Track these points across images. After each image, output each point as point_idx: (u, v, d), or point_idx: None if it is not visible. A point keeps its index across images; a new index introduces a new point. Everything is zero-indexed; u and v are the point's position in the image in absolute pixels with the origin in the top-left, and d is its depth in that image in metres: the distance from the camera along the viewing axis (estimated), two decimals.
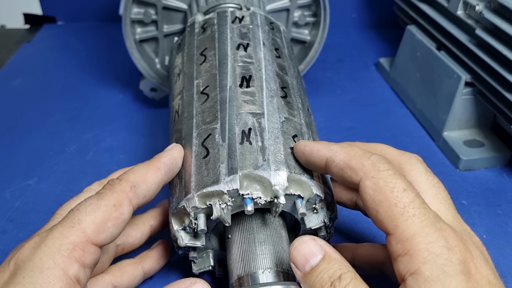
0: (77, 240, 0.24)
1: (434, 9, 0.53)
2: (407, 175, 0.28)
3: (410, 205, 0.23)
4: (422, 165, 0.29)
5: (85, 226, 0.25)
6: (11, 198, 0.43)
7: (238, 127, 0.31)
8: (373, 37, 0.76)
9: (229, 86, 0.34)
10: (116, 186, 0.27)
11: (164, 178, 0.30)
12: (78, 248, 0.24)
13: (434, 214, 0.24)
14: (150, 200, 0.29)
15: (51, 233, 0.24)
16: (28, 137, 0.51)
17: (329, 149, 0.28)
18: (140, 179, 0.28)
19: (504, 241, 0.40)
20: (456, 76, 0.48)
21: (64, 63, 0.66)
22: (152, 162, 0.30)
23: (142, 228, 0.34)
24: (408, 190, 0.24)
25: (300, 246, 0.25)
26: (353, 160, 0.26)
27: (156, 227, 0.35)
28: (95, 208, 0.26)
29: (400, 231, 0.23)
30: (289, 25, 0.53)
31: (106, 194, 0.27)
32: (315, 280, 0.24)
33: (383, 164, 0.25)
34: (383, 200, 0.24)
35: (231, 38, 0.38)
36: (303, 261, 0.25)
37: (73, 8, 0.76)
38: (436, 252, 0.22)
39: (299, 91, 0.37)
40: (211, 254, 0.33)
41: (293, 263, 0.26)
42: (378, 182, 0.24)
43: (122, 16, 0.47)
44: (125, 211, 0.27)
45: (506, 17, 0.42)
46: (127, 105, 0.57)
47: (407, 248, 0.22)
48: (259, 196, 0.28)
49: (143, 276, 0.34)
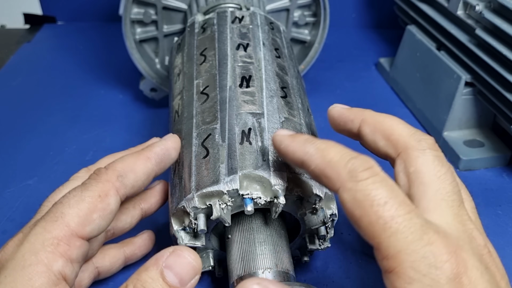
0: (61, 234, 0.23)
1: (434, 9, 0.53)
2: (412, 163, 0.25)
3: (393, 220, 0.21)
4: (432, 152, 0.25)
5: (68, 219, 0.24)
6: (11, 198, 0.43)
7: (238, 127, 0.31)
8: (373, 37, 0.76)
9: (229, 86, 0.34)
10: (102, 175, 0.26)
11: (155, 169, 0.29)
12: (63, 242, 0.23)
13: (423, 223, 0.21)
14: (140, 190, 0.28)
15: (34, 229, 0.24)
16: (28, 137, 0.51)
17: (304, 152, 0.25)
18: (128, 168, 0.27)
19: (504, 241, 0.40)
20: (456, 76, 0.48)
21: (64, 63, 0.66)
22: (143, 152, 0.29)
23: (132, 212, 0.33)
24: (389, 202, 0.21)
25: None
26: (328, 168, 0.23)
27: (147, 210, 0.34)
28: (79, 200, 0.25)
29: (384, 248, 0.21)
30: (289, 25, 0.53)
31: (91, 184, 0.26)
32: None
33: (362, 173, 0.22)
34: (363, 216, 0.21)
35: (231, 38, 0.38)
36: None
37: (73, 8, 0.76)
38: (422, 272, 0.20)
39: (299, 91, 0.37)
40: (211, 254, 0.33)
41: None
42: (356, 196, 0.22)
43: (122, 16, 0.47)
44: (112, 202, 0.26)
45: (506, 17, 0.42)
46: (127, 105, 0.57)
47: (392, 266, 0.21)
48: (259, 196, 0.28)
49: (124, 260, 0.34)
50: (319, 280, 0.36)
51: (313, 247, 0.33)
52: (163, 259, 0.23)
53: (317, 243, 0.33)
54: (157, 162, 0.29)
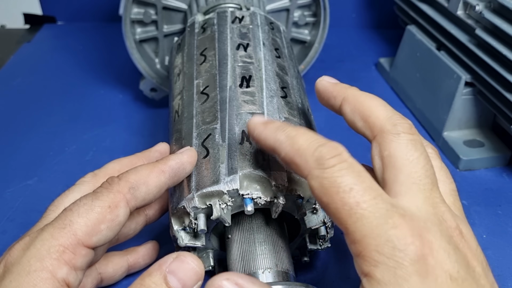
0: (68, 242, 0.23)
1: (434, 9, 0.53)
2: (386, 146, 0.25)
3: (358, 206, 0.21)
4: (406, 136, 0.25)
5: (76, 228, 0.24)
6: (11, 198, 0.43)
7: (238, 127, 0.31)
8: (373, 37, 0.76)
9: (229, 86, 0.34)
10: (114, 185, 0.26)
11: (168, 182, 0.28)
12: (68, 250, 0.23)
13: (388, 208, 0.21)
14: (150, 203, 0.28)
15: (41, 234, 0.24)
16: (28, 137, 0.51)
17: (275, 139, 0.25)
18: (141, 180, 0.27)
19: (504, 241, 0.40)
20: (456, 76, 0.48)
21: (64, 63, 0.66)
22: (158, 164, 0.28)
23: (137, 218, 0.33)
24: (355, 188, 0.22)
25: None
26: (297, 156, 0.24)
27: (151, 216, 0.34)
28: (89, 209, 0.25)
29: (351, 233, 0.21)
30: (289, 25, 0.53)
31: (102, 194, 0.26)
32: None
33: (328, 160, 0.22)
34: (330, 202, 0.22)
35: (231, 38, 0.38)
36: None
37: (73, 8, 0.76)
38: (387, 255, 0.20)
39: (299, 91, 0.37)
40: (211, 254, 0.33)
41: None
42: (323, 183, 0.22)
43: (122, 16, 0.47)
44: (121, 214, 0.25)
45: (506, 17, 0.42)
46: (127, 105, 0.57)
47: (359, 250, 0.21)
48: (259, 196, 0.28)
49: (127, 268, 0.34)
50: (319, 280, 0.36)
51: (313, 247, 0.33)
52: (166, 264, 0.23)
53: (317, 243, 0.33)
54: (170, 176, 0.28)
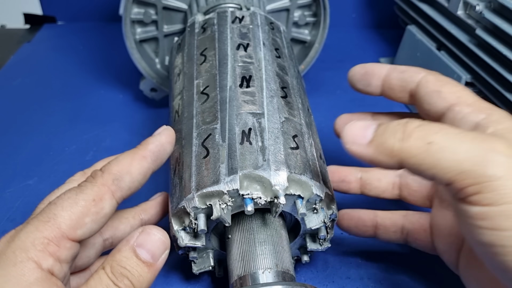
0: (52, 235, 0.24)
1: (434, 9, 0.53)
2: None
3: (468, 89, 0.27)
4: None
5: (60, 221, 0.24)
6: (11, 198, 0.43)
7: (238, 127, 0.31)
8: (373, 37, 0.76)
9: (229, 86, 0.34)
10: (97, 179, 0.26)
11: (151, 167, 0.28)
12: (53, 243, 0.24)
13: None
14: (137, 190, 0.28)
15: (26, 227, 0.24)
16: (28, 137, 0.51)
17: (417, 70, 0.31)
18: (124, 170, 0.27)
19: None
20: (456, 76, 0.48)
21: (64, 63, 0.66)
22: (138, 151, 0.28)
23: (131, 222, 0.33)
24: None
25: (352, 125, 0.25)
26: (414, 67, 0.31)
27: (147, 221, 0.34)
28: (73, 203, 0.25)
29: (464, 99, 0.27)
30: (289, 25, 0.53)
31: (86, 187, 0.26)
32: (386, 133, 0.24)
33: None
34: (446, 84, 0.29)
35: (231, 38, 0.38)
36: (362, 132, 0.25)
37: (73, 8, 0.76)
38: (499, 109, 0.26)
39: (299, 91, 0.37)
40: (211, 254, 0.33)
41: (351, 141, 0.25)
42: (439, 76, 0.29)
43: (122, 16, 0.47)
44: (106, 206, 0.26)
45: (506, 17, 0.42)
46: (127, 105, 0.57)
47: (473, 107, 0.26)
48: (259, 196, 0.28)
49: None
50: (319, 280, 0.36)
51: (313, 247, 0.33)
52: (134, 238, 0.25)
53: (317, 243, 0.33)
54: (153, 160, 0.28)
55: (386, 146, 0.23)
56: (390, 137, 0.23)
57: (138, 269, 0.24)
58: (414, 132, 0.23)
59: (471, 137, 0.22)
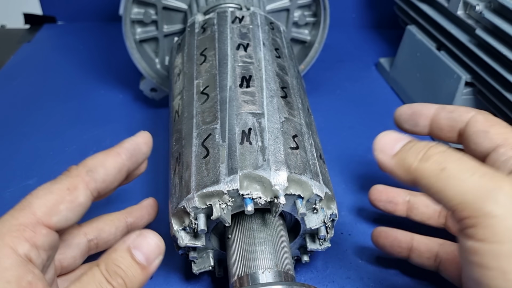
0: (27, 221, 0.24)
1: (434, 9, 0.53)
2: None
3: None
4: None
5: (35, 208, 0.25)
6: (11, 198, 0.43)
7: (238, 127, 0.31)
8: (373, 37, 0.76)
9: (229, 86, 0.34)
10: (72, 171, 0.27)
11: (126, 163, 0.29)
12: (28, 229, 0.24)
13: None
14: (113, 185, 0.29)
15: (3, 217, 0.25)
16: (28, 137, 0.51)
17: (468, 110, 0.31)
18: (98, 163, 0.28)
19: None
20: (456, 76, 0.48)
21: (64, 63, 0.66)
22: (113, 148, 0.29)
23: (117, 223, 0.34)
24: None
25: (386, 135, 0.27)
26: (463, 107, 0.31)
27: (133, 224, 0.35)
28: (47, 192, 0.25)
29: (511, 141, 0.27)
30: (289, 25, 0.53)
31: (61, 179, 0.26)
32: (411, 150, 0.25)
33: None
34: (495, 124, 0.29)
35: (231, 38, 0.38)
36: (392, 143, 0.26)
37: (73, 8, 0.76)
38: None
39: (299, 91, 0.37)
40: (211, 254, 0.33)
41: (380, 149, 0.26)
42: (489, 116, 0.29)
43: (122, 16, 0.47)
44: (80, 195, 0.26)
45: (506, 17, 0.42)
46: (127, 105, 0.57)
47: None
48: (259, 196, 0.28)
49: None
50: (319, 280, 0.36)
51: (313, 247, 0.33)
52: (130, 240, 0.25)
53: (317, 243, 0.33)
54: (127, 157, 0.29)
55: (405, 162, 0.25)
56: (412, 155, 0.25)
57: (132, 270, 0.24)
58: (433, 156, 0.24)
59: (483, 171, 0.23)
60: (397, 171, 0.25)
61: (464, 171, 0.23)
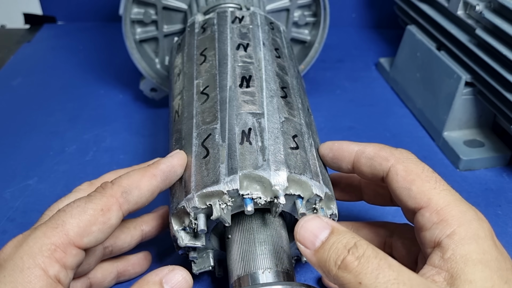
0: (59, 241, 0.24)
1: (434, 9, 0.53)
2: None
3: (440, 182, 0.27)
4: None
5: (68, 228, 0.25)
6: (11, 198, 0.43)
7: (238, 127, 0.31)
8: (373, 37, 0.76)
9: (229, 86, 0.34)
10: (107, 190, 0.27)
11: (160, 186, 0.29)
12: (60, 249, 0.24)
13: None
14: (143, 206, 0.29)
15: (34, 233, 0.24)
16: (28, 137, 0.51)
17: (357, 144, 0.31)
18: (134, 184, 0.28)
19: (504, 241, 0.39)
20: (456, 76, 0.48)
21: (64, 63, 0.66)
22: (149, 168, 0.29)
23: (132, 232, 0.34)
24: (435, 172, 0.28)
25: (306, 224, 0.25)
26: (383, 151, 0.30)
27: (147, 233, 0.35)
28: (81, 211, 0.25)
29: (434, 202, 0.26)
30: (289, 25, 0.53)
31: (95, 197, 0.26)
32: (329, 252, 0.24)
33: (410, 154, 0.29)
34: (415, 179, 0.27)
35: (231, 38, 0.38)
36: (312, 237, 0.25)
37: (73, 8, 0.76)
38: (469, 219, 0.25)
39: (299, 91, 0.37)
40: (211, 254, 0.33)
41: (300, 242, 0.25)
42: (409, 165, 0.28)
43: (122, 16, 0.47)
44: (113, 217, 0.26)
45: (506, 17, 0.42)
46: (127, 105, 0.57)
47: (442, 215, 0.25)
48: (259, 196, 0.28)
49: (117, 275, 0.34)
50: (319, 280, 0.36)
51: None
52: (162, 273, 0.26)
53: None
54: (162, 179, 0.29)
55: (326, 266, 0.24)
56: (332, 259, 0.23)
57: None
58: (350, 265, 0.22)
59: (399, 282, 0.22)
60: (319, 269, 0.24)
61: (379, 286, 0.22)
